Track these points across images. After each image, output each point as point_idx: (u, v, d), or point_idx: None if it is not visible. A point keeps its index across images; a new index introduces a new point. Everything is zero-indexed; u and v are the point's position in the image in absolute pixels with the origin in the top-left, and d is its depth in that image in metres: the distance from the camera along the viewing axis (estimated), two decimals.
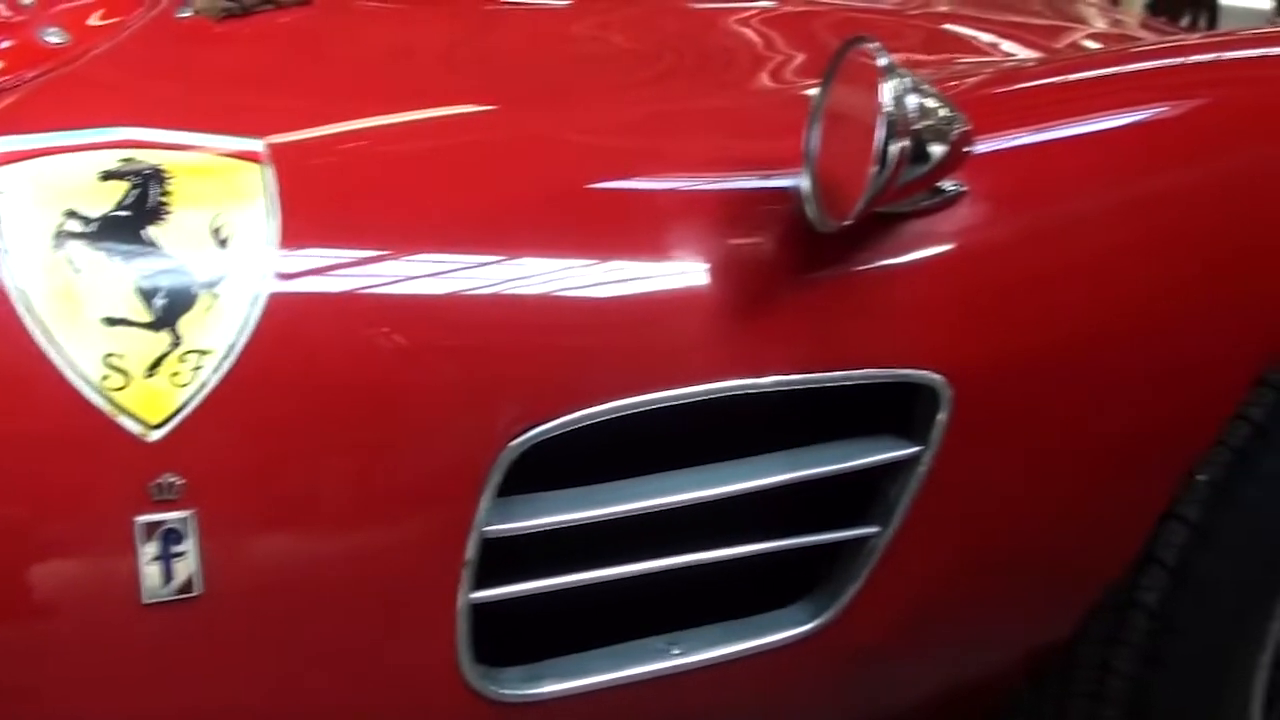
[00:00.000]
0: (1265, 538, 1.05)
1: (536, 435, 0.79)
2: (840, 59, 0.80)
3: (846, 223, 0.79)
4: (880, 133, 0.76)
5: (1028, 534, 0.98)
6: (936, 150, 0.82)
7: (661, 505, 0.84)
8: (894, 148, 0.77)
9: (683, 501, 0.84)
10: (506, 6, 1.09)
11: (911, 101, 0.78)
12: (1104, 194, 0.96)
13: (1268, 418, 1.03)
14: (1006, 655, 1.06)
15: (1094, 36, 1.53)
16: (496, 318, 0.80)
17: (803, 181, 0.81)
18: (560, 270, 0.81)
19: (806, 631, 0.92)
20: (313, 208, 0.78)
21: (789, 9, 1.28)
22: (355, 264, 0.79)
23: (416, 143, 0.86)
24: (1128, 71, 1.10)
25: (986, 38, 1.34)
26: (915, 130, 0.79)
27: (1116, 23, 1.80)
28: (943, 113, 0.82)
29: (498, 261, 0.81)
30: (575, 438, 0.81)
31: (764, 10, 1.23)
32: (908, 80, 0.78)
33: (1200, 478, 1.03)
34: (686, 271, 0.84)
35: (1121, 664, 1.07)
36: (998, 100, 1.02)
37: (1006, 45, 1.33)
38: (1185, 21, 5.80)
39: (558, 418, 0.80)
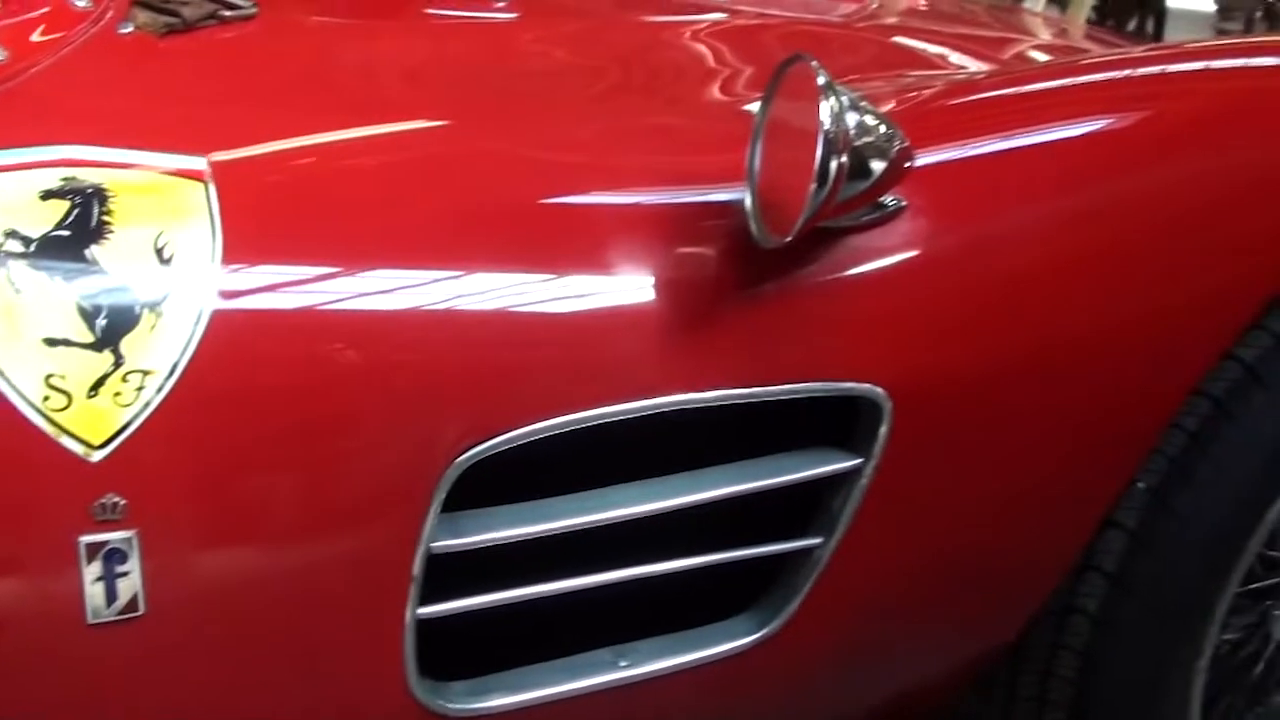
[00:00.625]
0: (1201, 544, 1.07)
1: (482, 451, 0.80)
2: (780, 77, 0.81)
3: (788, 239, 0.80)
4: (819, 151, 0.77)
5: (969, 543, 0.99)
6: (876, 167, 0.83)
7: (606, 520, 0.84)
8: (833, 165, 0.78)
9: (627, 516, 0.85)
10: (453, 21, 1.09)
11: (850, 119, 0.79)
12: (1041, 207, 0.97)
13: (1202, 426, 1.05)
14: (951, 661, 1.07)
15: (1039, 48, 1.55)
16: (441, 334, 0.80)
17: (746, 198, 0.82)
18: (505, 286, 0.82)
19: (752, 641, 0.93)
20: (256, 225, 0.78)
21: (740, 22, 1.29)
22: (298, 281, 0.79)
23: (360, 159, 0.86)
24: (1067, 85, 1.11)
25: (934, 50, 1.36)
26: (854, 148, 0.80)
27: (1062, 33, 1.83)
28: (882, 130, 0.83)
29: (442, 278, 0.81)
30: (523, 451, 0.82)
31: (715, 23, 1.24)
32: (846, 98, 0.79)
33: (1139, 485, 1.05)
34: (631, 287, 0.84)
35: (1064, 668, 1.09)
36: (938, 114, 1.03)
37: (953, 57, 1.35)
38: (1133, 25, 5.87)
39: (503, 434, 0.80)
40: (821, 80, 0.78)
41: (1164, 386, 1.03)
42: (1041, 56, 1.50)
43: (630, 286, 0.84)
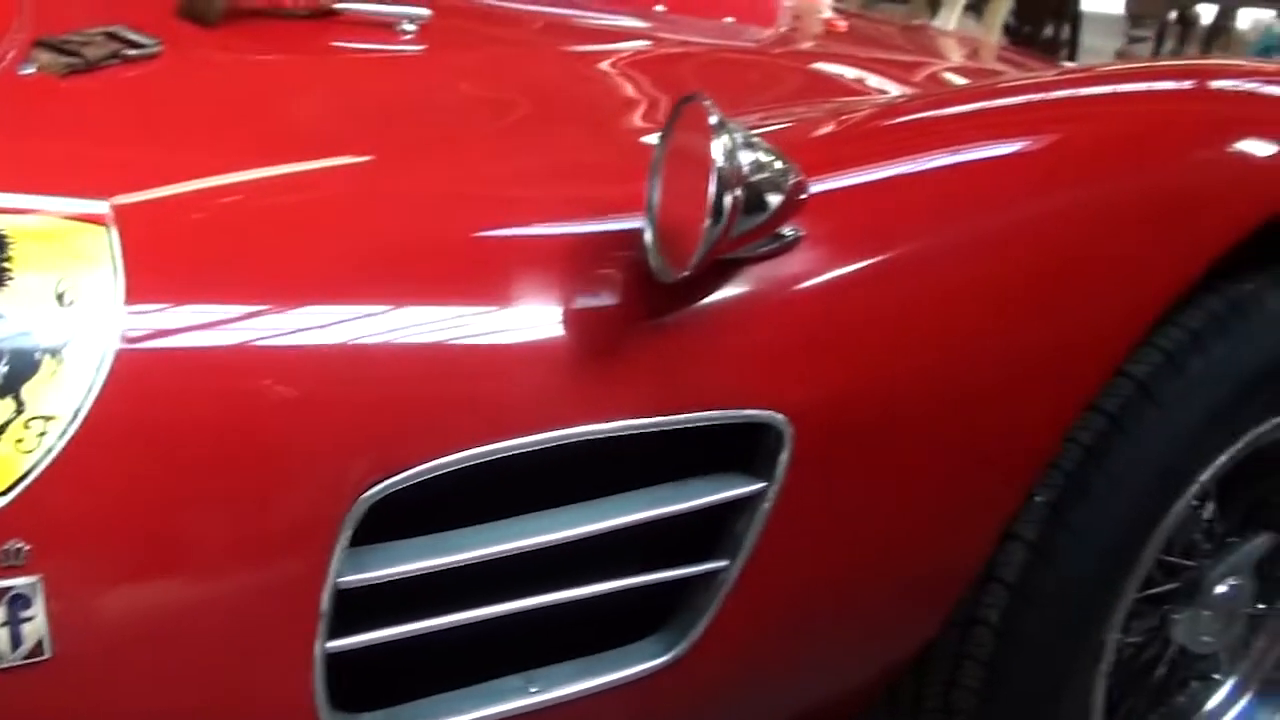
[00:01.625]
0: (1097, 554, 1.11)
1: (389, 487, 0.81)
2: (676, 115, 0.83)
3: (686, 273, 0.82)
4: (712, 187, 0.79)
5: (873, 560, 1.02)
6: (772, 200, 0.85)
7: (513, 550, 0.86)
8: (727, 200, 0.80)
9: (534, 545, 0.86)
10: (360, 55, 1.10)
11: (743, 156, 0.81)
12: (940, 232, 1.00)
13: (1096, 441, 1.08)
14: (859, 675, 1.10)
15: (952, 71, 1.59)
16: (345, 371, 0.81)
17: (645, 233, 0.84)
18: (409, 322, 0.83)
19: (661, 664, 0.94)
20: (159, 267, 0.79)
21: (656, 51, 1.30)
22: (203, 321, 0.79)
23: (267, 197, 0.87)
24: (969, 111, 1.14)
25: (849, 75, 1.38)
26: (749, 183, 0.82)
27: (974, 54, 1.86)
28: (777, 165, 0.85)
29: (347, 315, 0.82)
30: (434, 482, 0.83)
31: (629, 52, 1.26)
32: (739, 135, 0.82)
33: (1037, 499, 1.09)
34: (535, 319, 0.86)
35: (968, 679, 1.13)
36: (839, 142, 1.06)
37: (868, 82, 1.38)
38: (1049, 31, 5.96)
39: (409, 469, 0.81)
40: (714, 119, 0.80)
41: (1059, 403, 1.06)
42: (955, 79, 1.54)
43: (535, 319, 0.86)
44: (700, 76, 1.24)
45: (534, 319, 0.86)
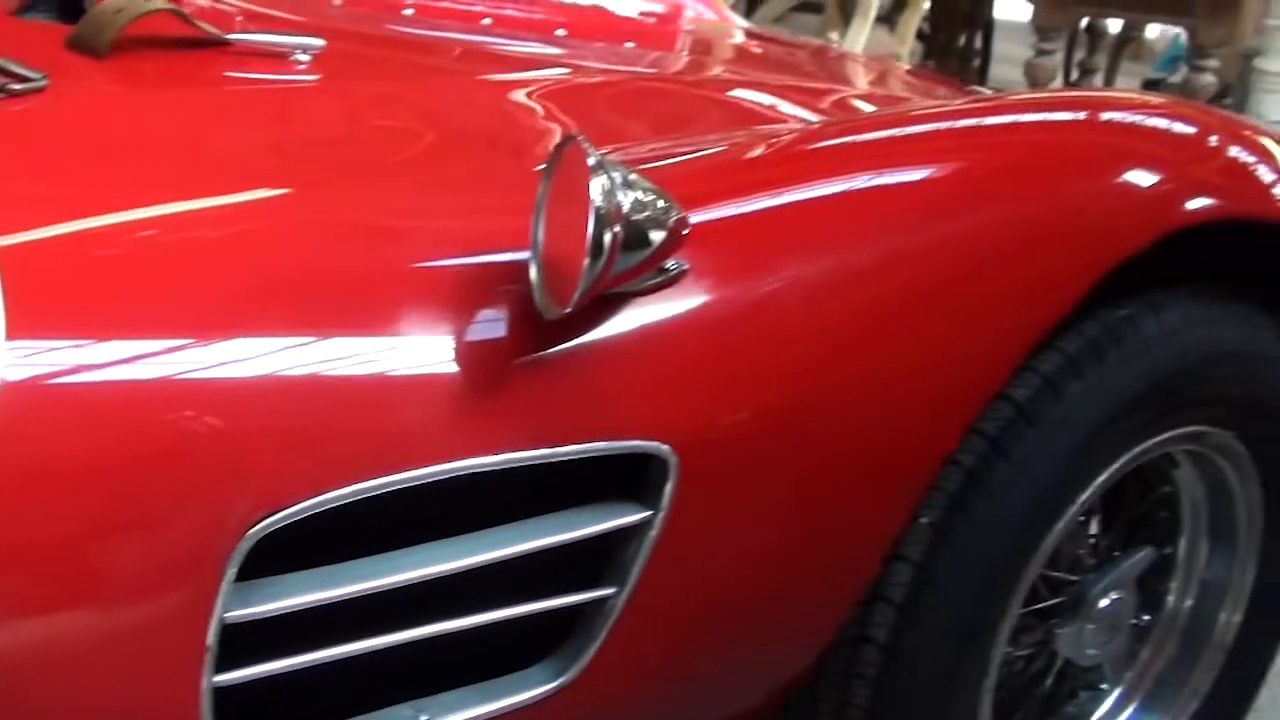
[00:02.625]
0: (981, 574, 1.14)
1: (274, 523, 0.82)
2: (556, 156, 0.85)
3: (567, 310, 0.84)
4: (591, 226, 0.81)
5: (761, 584, 1.04)
6: (654, 237, 0.87)
7: (400, 582, 0.87)
8: (606, 238, 0.82)
9: (422, 578, 0.88)
10: (253, 87, 1.10)
11: (623, 195, 0.83)
12: (822, 262, 1.03)
13: (978, 463, 1.12)
14: (751, 695, 1.12)
15: (859, 98, 1.61)
16: (228, 406, 0.81)
17: (530, 271, 0.86)
18: (294, 355, 0.84)
19: (553, 688, 0.96)
20: (40, 304, 0.79)
21: (561, 79, 1.31)
22: (85, 358, 0.79)
23: (152, 232, 0.88)
24: (856, 141, 1.18)
25: (750, 101, 1.41)
26: (630, 221, 0.84)
27: (882, 79, 1.89)
28: (658, 203, 0.87)
29: (232, 349, 0.82)
30: (322, 515, 0.84)
31: (534, 80, 1.27)
32: (618, 175, 0.84)
33: (922, 520, 1.12)
34: (423, 352, 0.87)
35: (857, 696, 1.15)
36: (724, 172, 1.08)
37: (769, 109, 1.40)
38: (961, 40, 6.05)
39: (295, 504, 0.82)
40: (592, 160, 0.82)
41: (942, 427, 1.09)
42: (858, 106, 1.56)
43: (422, 352, 0.87)
44: (598, 105, 1.26)
45: (421, 352, 0.87)
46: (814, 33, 4.37)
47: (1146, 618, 1.44)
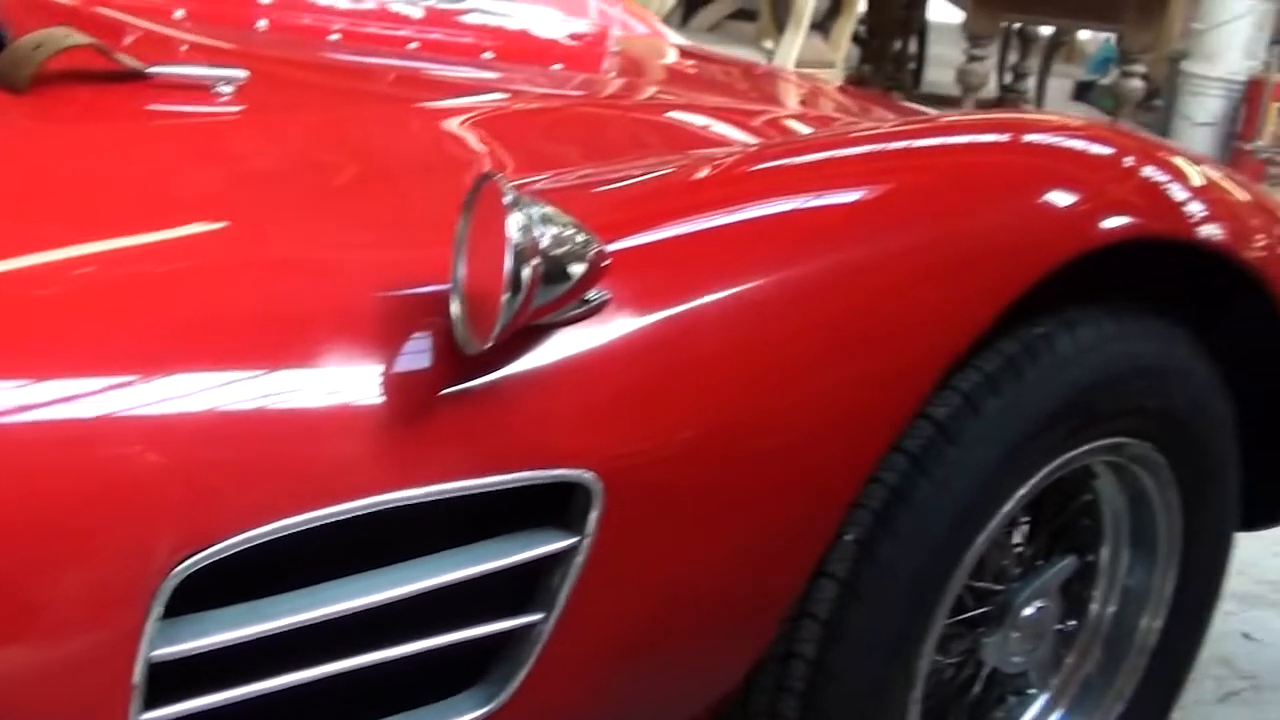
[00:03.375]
0: (905, 589, 1.16)
1: (198, 562, 0.82)
2: (474, 194, 0.86)
3: (488, 345, 0.85)
4: (509, 263, 0.83)
5: (688, 605, 1.05)
6: (574, 271, 0.89)
7: (327, 615, 0.88)
8: (525, 274, 0.84)
9: (349, 610, 0.88)
10: (173, 122, 1.10)
11: (540, 231, 0.85)
12: (743, 286, 1.04)
13: (901, 481, 1.14)
14: (681, 713, 1.14)
15: (793, 119, 1.62)
16: (151, 445, 0.82)
17: (452, 307, 0.87)
18: (218, 393, 0.84)
19: (482, 715, 0.97)
20: None
21: (488, 105, 1.32)
22: (9, 397, 0.79)
23: (71, 271, 0.88)
24: (777, 166, 1.20)
25: (676, 124, 1.42)
26: (549, 256, 0.86)
27: (813, 97, 1.90)
28: (577, 237, 0.89)
29: (154, 388, 0.83)
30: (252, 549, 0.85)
31: (460, 107, 1.27)
32: (535, 211, 0.85)
33: (846, 537, 1.14)
34: (348, 385, 0.88)
35: (787, 710, 1.17)
36: (645, 198, 1.10)
37: (696, 132, 1.42)
38: (897, 45, 6.12)
39: (219, 542, 0.83)
40: (509, 198, 0.83)
41: (864, 446, 1.11)
42: (793, 125, 1.57)
43: (347, 385, 0.88)
44: (525, 133, 1.27)
45: (346, 386, 0.88)
46: (749, 40, 4.40)
47: (1072, 623, 1.47)
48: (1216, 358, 1.39)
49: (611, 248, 0.97)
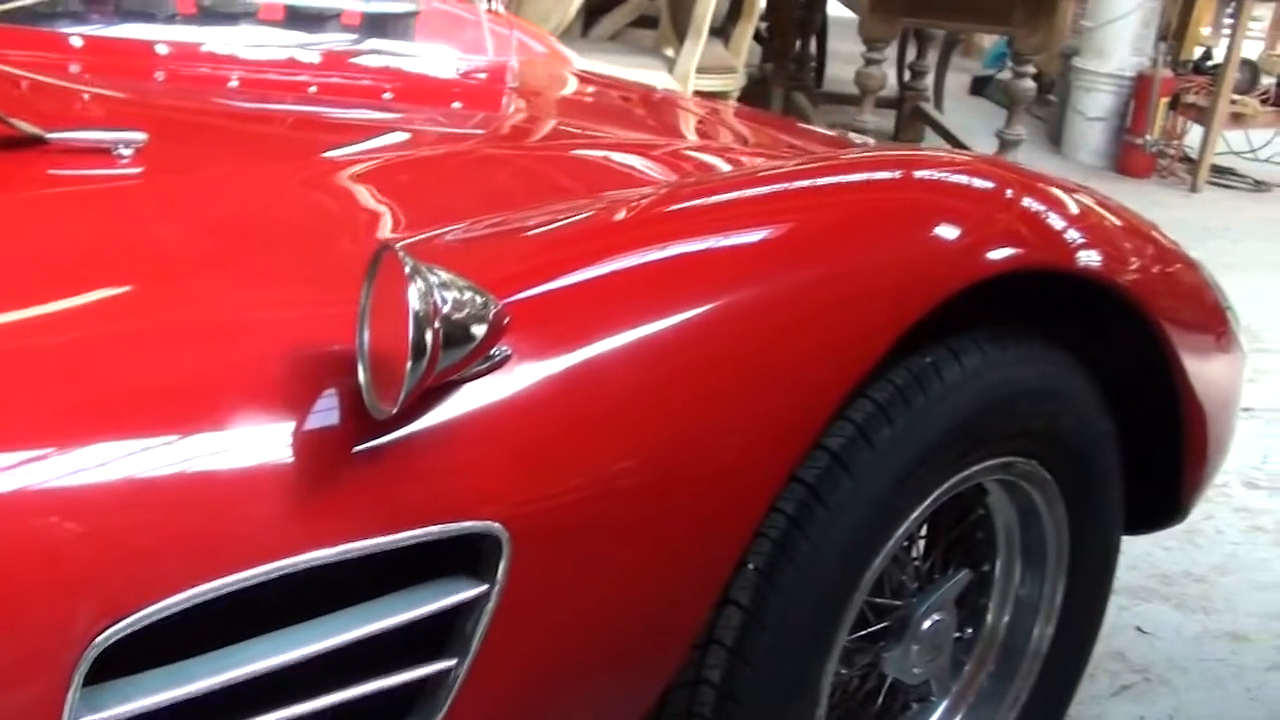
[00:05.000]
0: (807, 613, 1.21)
1: (118, 631, 0.84)
2: (375, 265, 0.89)
3: (394, 410, 0.88)
4: (411, 330, 0.86)
5: (598, 641, 1.09)
6: (476, 332, 0.92)
7: (246, 675, 0.90)
8: (427, 339, 0.87)
9: (268, 668, 0.91)
10: (74, 189, 1.11)
11: (440, 297, 0.88)
12: (641, 331, 1.07)
13: (799, 510, 1.19)
14: None
15: (689, 150, 1.65)
16: (69, 517, 0.83)
17: (359, 374, 0.90)
18: (130, 462, 0.85)
19: None
20: None
21: (409, 155, 1.33)
22: None
23: None
24: (673, 211, 1.23)
25: (597, 163, 1.45)
26: (450, 320, 0.89)
27: (714, 117, 1.94)
28: (476, 299, 0.92)
29: (67, 461, 0.84)
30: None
31: (385, 158, 1.29)
32: (435, 278, 0.88)
33: (749, 566, 1.18)
34: (257, 450, 0.90)
35: None
36: (540, 249, 1.13)
37: (614, 168, 1.45)
38: (797, 45, 6.19)
39: (138, 611, 0.85)
40: (408, 268, 0.86)
41: (763, 478, 1.16)
42: (693, 156, 1.60)
43: (257, 449, 0.90)
44: (427, 182, 1.29)
45: (255, 449, 0.90)
46: (650, 47, 4.44)
47: (969, 630, 1.54)
48: (1101, 374, 1.46)
49: (515, 297, 1.02)
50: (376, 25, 1.58)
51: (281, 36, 1.53)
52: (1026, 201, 1.36)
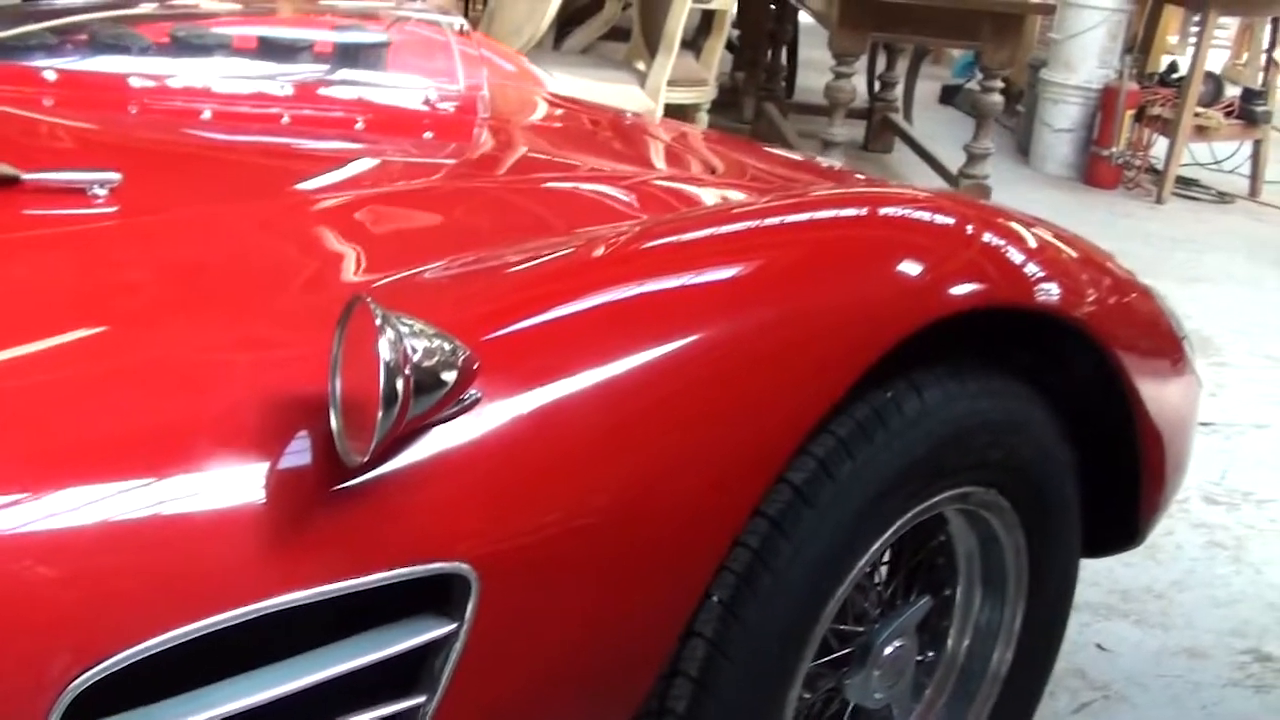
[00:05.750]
0: (769, 645, 1.24)
1: (92, 677, 0.85)
2: (346, 315, 0.91)
3: (366, 459, 0.90)
4: (383, 382, 0.88)
5: (564, 675, 1.11)
6: (447, 378, 0.94)
7: (217, 715, 0.92)
8: (399, 387, 0.89)
9: (240, 709, 0.93)
10: (51, 231, 1.12)
11: (410, 346, 0.90)
12: (609, 369, 1.10)
13: (762, 543, 1.21)
14: None
15: (659, 180, 1.67)
16: (41, 563, 0.85)
17: (331, 422, 0.92)
18: (106, 506, 0.87)
19: None
20: None
21: (393, 188, 1.35)
22: None
23: None
24: (643, 249, 1.26)
25: (568, 196, 1.47)
26: (421, 368, 0.91)
27: (683, 150, 1.96)
28: (445, 346, 0.94)
29: (40, 506, 0.86)
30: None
31: (355, 195, 1.30)
32: (405, 327, 0.90)
33: (713, 599, 1.21)
34: (230, 494, 0.91)
35: None
36: (508, 289, 1.15)
37: (587, 201, 1.47)
38: (769, 55, 6.23)
39: (111, 657, 0.86)
40: (379, 320, 0.88)
41: (728, 512, 1.18)
42: (665, 186, 1.62)
43: (229, 493, 0.91)
44: (399, 221, 1.31)
45: (229, 493, 0.91)
46: (621, 60, 4.46)
47: (930, 654, 1.56)
48: (1060, 400, 1.49)
49: (486, 338, 1.04)
50: (349, 56, 1.60)
51: (254, 68, 1.54)
52: (987, 237, 1.39)
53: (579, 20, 4.70)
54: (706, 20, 4.45)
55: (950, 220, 1.39)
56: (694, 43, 4.60)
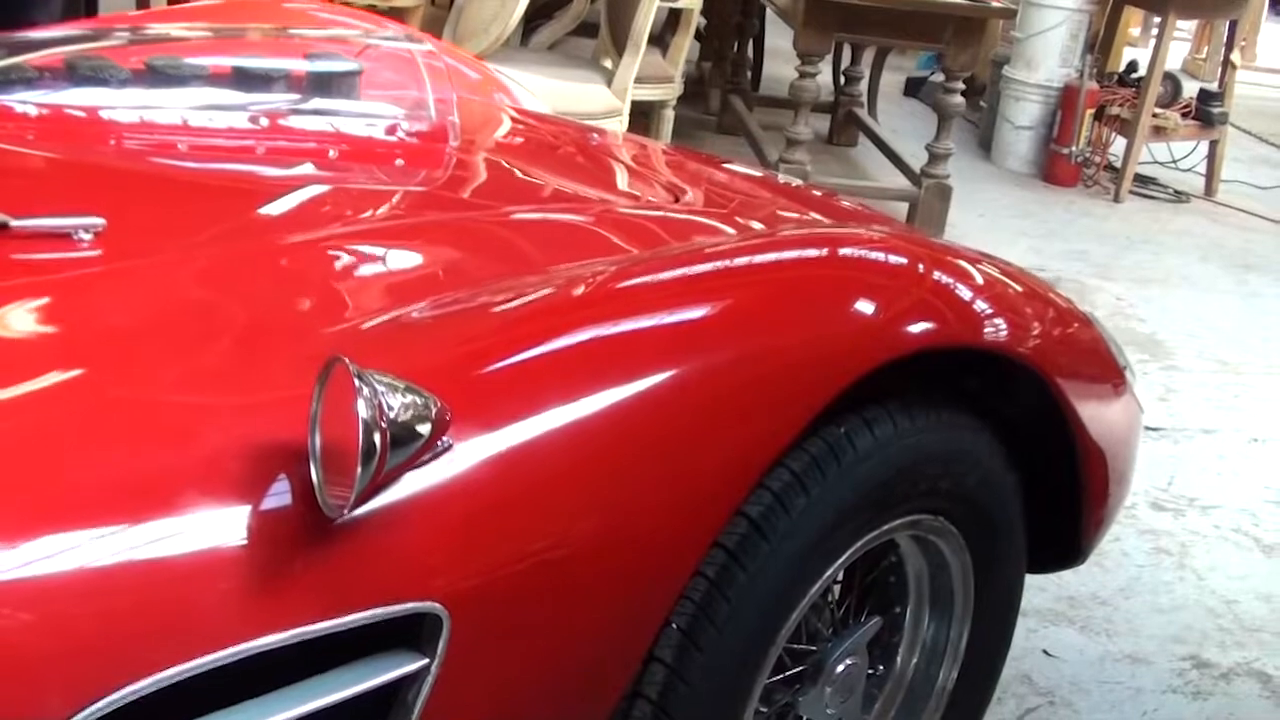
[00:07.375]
0: (724, 669, 1.30)
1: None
2: (325, 375, 0.96)
3: (347, 511, 0.96)
4: (361, 439, 0.93)
5: (531, 703, 1.17)
6: (421, 430, 1.00)
7: None
8: (376, 443, 0.94)
9: None
10: (37, 278, 1.16)
11: (387, 402, 0.95)
12: (577, 409, 1.15)
13: (719, 574, 1.27)
14: None
15: (626, 205, 1.72)
16: (28, 611, 0.89)
17: (312, 475, 0.97)
18: (87, 552, 0.91)
19: None
20: None
21: (371, 225, 1.38)
22: None
23: None
24: (618, 289, 1.31)
25: (536, 227, 1.51)
26: (397, 423, 0.96)
27: (645, 169, 2.00)
28: (419, 400, 0.99)
29: (28, 550, 0.89)
30: None
31: (347, 233, 1.34)
32: (381, 384, 0.95)
33: (673, 625, 1.27)
34: (209, 539, 0.95)
35: None
36: (482, 335, 1.20)
37: (552, 230, 1.51)
38: (735, 48, 6.27)
39: (98, 701, 0.91)
40: (356, 380, 0.93)
41: (688, 544, 1.24)
42: (633, 212, 1.67)
43: (208, 538, 0.96)
44: (374, 261, 1.36)
45: (207, 539, 0.95)
46: (588, 58, 4.49)
47: (880, 668, 1.63)
48: (1004, 426, 1.56)
49: (461, 380, 1.09)
50: (322, 85, 1.64)
51: (230, 98, 1.58)
52: (938, 275, 1.45)
53: (547, 14, 4.73)
54: (674, 17, 4.48)
55: (903, 260, 1.45)
56: (661, 39, 4.63)
